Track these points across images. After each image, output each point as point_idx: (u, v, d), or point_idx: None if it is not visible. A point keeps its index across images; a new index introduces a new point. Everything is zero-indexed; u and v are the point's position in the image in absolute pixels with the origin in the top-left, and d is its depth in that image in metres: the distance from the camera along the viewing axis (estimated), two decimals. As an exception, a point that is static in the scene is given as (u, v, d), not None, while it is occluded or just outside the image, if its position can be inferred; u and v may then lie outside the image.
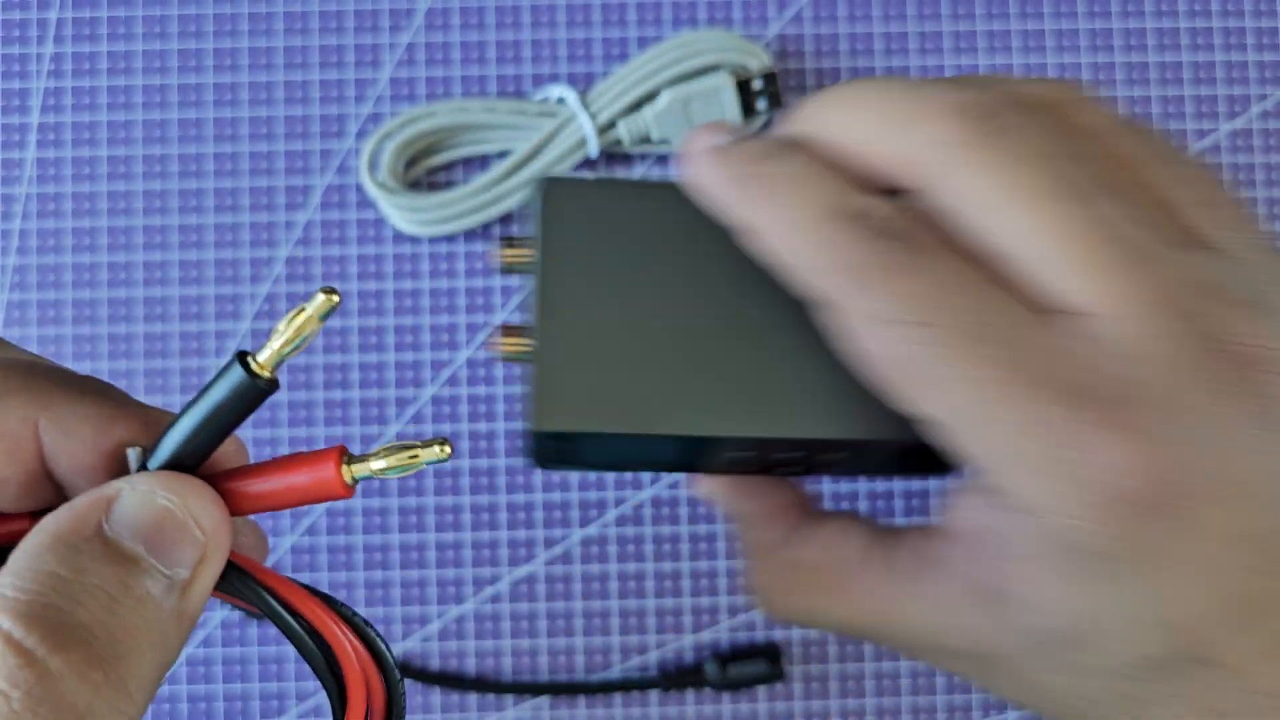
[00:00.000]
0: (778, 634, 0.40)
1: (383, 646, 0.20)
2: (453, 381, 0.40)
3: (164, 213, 0.41)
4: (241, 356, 0.18)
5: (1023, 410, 0.21)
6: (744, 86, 0.39)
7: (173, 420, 0.18)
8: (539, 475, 0.40)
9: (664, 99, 0.39)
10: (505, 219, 0.41)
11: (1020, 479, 0.22)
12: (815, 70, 0.41)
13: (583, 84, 0.41)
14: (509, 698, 0.40)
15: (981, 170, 0.21)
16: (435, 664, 0.40)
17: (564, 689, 0.40)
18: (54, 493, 0.18)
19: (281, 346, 0.18)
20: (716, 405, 0.23)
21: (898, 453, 0.26)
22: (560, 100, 0.40)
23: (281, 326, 0.18)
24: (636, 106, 0.40)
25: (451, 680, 0.40)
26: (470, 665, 0.40)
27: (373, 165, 0.40)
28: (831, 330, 0.22)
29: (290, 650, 0.39)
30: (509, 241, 0.24)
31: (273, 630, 0.39)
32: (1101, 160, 0.23)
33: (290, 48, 0.41)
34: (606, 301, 0.23)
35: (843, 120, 0.23)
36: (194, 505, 0.18)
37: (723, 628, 0.40)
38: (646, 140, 0.40)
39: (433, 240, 0.41)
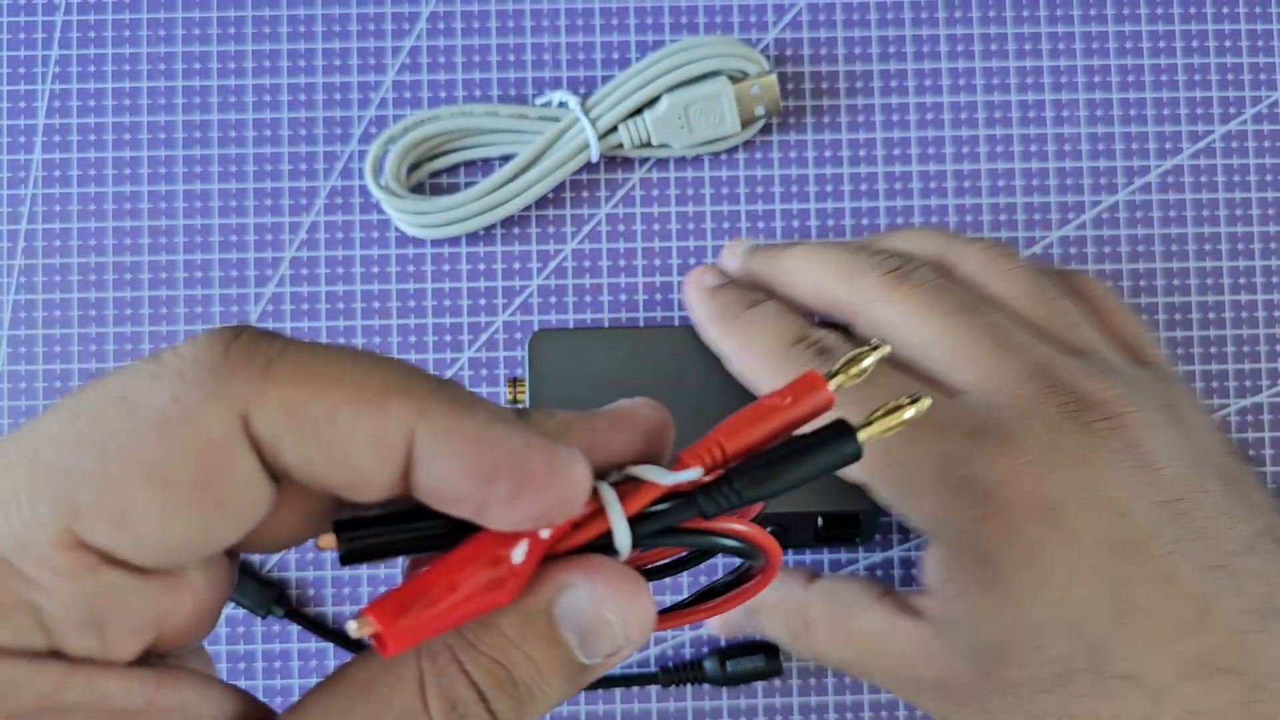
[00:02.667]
0: (775, 630, 0.41)
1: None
2: (455, 382, 0.41)
3: (169, 214, 0.41)
4: (847, 426, 0.20)
5: (930, 446, 0.28)
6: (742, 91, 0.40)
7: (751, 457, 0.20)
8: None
9: (664, 104, 0.40)
10: (507, 222, 0.41)
11: (926, 502, 0.29)
12: (813, 74, 0.42)
13: (584, 89, 0.42)
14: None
15: (889, 304, 0.31)
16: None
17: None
18: (408, 489, 0.18)
19: (880, 433, 0.21)
20: None
21: (816, 524, 0.35)
22: (562, 105, 0.41)
23: (887, 419, 0.21)
24: (637, 111, 0.40)
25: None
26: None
27: (377, 168, 0.40)
28: None
29: (294, 648, 0.39)
30: (513, 382, 0.35)
31: (277, 627, 0.40)
32: (984, 292, 0.32)
33: (294, 51, 0.42)
34: None
35: (802, 271, 0.34)
36: (633, 614, 0.19)
37: (721, 624, 0.41)
38: (647, 144, 0.40)
39: (435, 242, 0.41)
